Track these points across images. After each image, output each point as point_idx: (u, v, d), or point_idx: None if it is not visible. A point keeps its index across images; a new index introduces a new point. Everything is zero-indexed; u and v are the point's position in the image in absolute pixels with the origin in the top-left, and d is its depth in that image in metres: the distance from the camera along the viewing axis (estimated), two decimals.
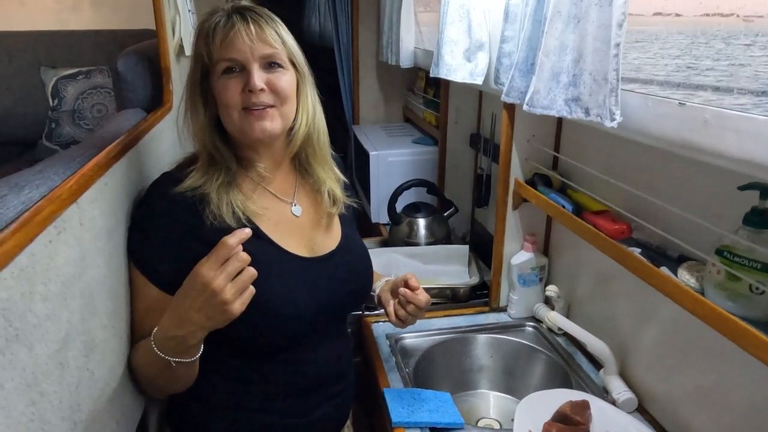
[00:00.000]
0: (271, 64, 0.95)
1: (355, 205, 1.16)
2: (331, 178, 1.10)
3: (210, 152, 0.98)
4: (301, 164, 1.09)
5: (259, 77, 0.92)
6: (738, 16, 0.82)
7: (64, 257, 0.75)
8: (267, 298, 0.94)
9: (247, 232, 0.83)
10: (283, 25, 1.00)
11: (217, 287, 0.79)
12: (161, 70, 1.60)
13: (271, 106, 0.95)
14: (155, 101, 1.58)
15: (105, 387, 0.87)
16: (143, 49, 1.71)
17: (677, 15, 0.96)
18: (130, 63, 1.59)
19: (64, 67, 2.39)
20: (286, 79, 0.96)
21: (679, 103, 0.76)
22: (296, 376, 1.02)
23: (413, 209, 2.00)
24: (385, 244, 2.07)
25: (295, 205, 1.06)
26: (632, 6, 0.83)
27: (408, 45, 2.18)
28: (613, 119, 0.85)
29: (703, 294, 0.87)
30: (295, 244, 1.02)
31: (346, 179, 1.17)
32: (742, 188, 0.80)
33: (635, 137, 0.88)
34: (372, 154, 2.25)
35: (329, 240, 1.08)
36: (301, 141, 1.02)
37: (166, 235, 0.95)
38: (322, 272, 1.03)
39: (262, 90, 0.92)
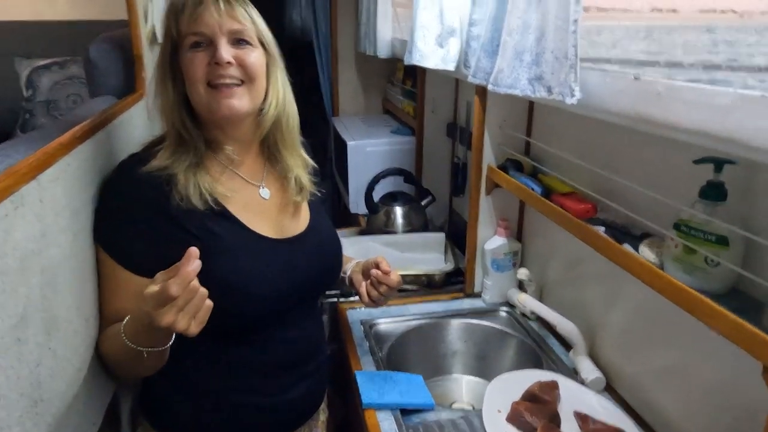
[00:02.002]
0: (239, 41, 0.95)
1: (318, 194, 1.16)
2: (299, 165, 1.10)
3: (178, 131, 0.97)
4: (269, 149, 1.09)
5: (226, 50, 0.92)
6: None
7: (21, 232, 0.74)
8: (237, 279, 0.94)
9: (194, 258, 0.77)
10: (254, 7, 1.00)
11: (167, 323, 0.75)
12: (133, 58, 1.59)
13: (240, 84, 0.95)
14: (128, 89, 1.57)
15: (68, 367, 0.86)
16: (116, 36, 1.69)
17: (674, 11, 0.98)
18: (102, 50, 1.58)
19: (38, 57, 2.36)
20: (254, 56, 0.96)
21: (635, 77, 0.77)
22: (266, 356, 1.02)
23: (390, 198, 2.00)
24: (361, 232, 2.07)
25: (263, 188, 1.06)
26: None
27: (385, 35, 2.18)
28: (573, 95, 0.86)
29: (662, 269, 0.88)
30: (264, 226, 1.02)
31: (315, 164, 1.17)
32: (697, 162, 0.81)
33: (595, 114, 0.89)
34: (350, 144, 2.25)
35: (297, 223, 1.09)
36: (270, 124, 1.02)
37: (133, 216, 0.94)
38: (291, 253, 1.04)
39: (229, 63, 0.92)
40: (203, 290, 0.79)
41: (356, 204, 2.30)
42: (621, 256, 0.94)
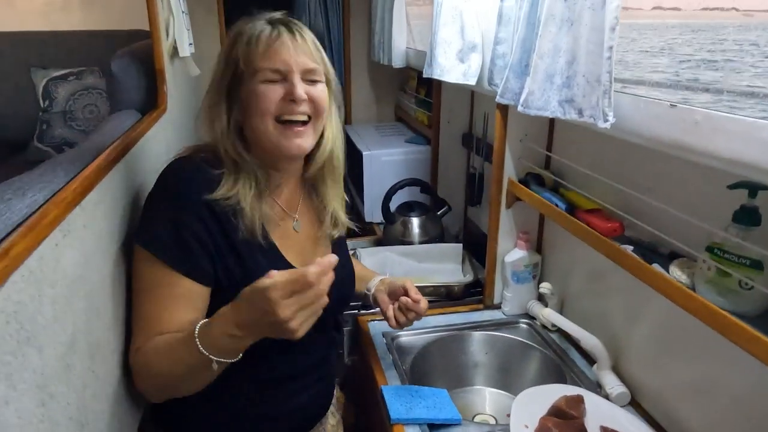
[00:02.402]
0: (311, 79, 0.96)
1: (356, 229, 1.17)
2: (338, 201, 1.11)
3: (234, 159, 0.96)
4: (311, 182, 1.10)
5: (301, 88, 0.93)
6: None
7: (69, 260, 0.76)
8: None
9: (333, 261, 0.77)
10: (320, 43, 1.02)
11: (284, 317, 0.74)
12: (155, 72, 1.61)
13: (308, 120, 0.96)
14: (148, 103, 1.59)
15: (108, 387, 0.88)
16: (137, 50, 1.71)
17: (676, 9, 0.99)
18: (123, 64, 1.60)
19: (54, 68, 2.37)
20: (323, 93, 0.97)
21: (671, 105, 0.78)
22: (274, 373, 1.04)
23: (407, 208, 2.01)
24: (379, 243, 2.08)
25: (296, 220, 1.07)
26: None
27: (400, 45, 2.19)
28: (606, 120, 0.87)
29: (694, 290, 0.90)
30: (294, 259, 1.02)
31: (347, 198, 1.19)
32: (731, 187, 0.82)
33: (628, 137, 0.91)
34: (365, 154, 2.27)
35: (320, 256, 1.09)
36: (324, 159, 1.03)
37: (199, 236, 0.91)
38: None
39: (303, 100, 0.93)
40: (326, 299, 0.77)
41: (371, 213, 2.32)
42: (651, 277, 0.95)
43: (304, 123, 0.95)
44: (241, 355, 0.83)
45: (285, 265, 0.98)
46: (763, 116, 0.66)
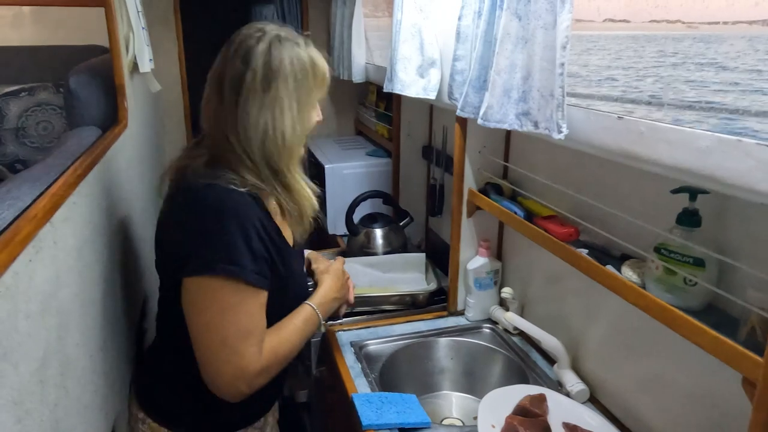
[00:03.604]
0: None
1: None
2: None
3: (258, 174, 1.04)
4: None
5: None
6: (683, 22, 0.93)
7: (41, 276, 0.76)
8: (297, 282, 1.14)
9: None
10: None
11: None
12: (115, 87, 1.60)
13: None
14: (108, 119, 1.57)
15: (78, 404, 0.88)
16: (95, 65, 1.69)
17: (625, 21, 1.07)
18: (82, 80, 1.58)
19: (5, 83, 2.31)
20: None
21: (618, 117, 0.85)
22: None
23: (370, 220, 2.05)
24: (343, 254, 2.10)
25: None
26: (581, 12, 0.92)
27: (360, 60, 2.24)
28: (560, 132, 0.93)
29: (644, 288, 0.96)
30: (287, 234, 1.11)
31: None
32: (674, 191, 0.89)
33: (580, 147, 0.97)
34: (327, 167, 2.30)
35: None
36: None
37: (263, 252, 0.99)
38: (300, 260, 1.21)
39: None
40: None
41: (334, 225, 2.34)
42: (605, 277, 1.01)
43: None
44: None
45: (287, 244, 1.08)
46: (700, 127, 0.73)
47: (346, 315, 1.67)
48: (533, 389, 1.26)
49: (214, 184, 0.96)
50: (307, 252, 1.34)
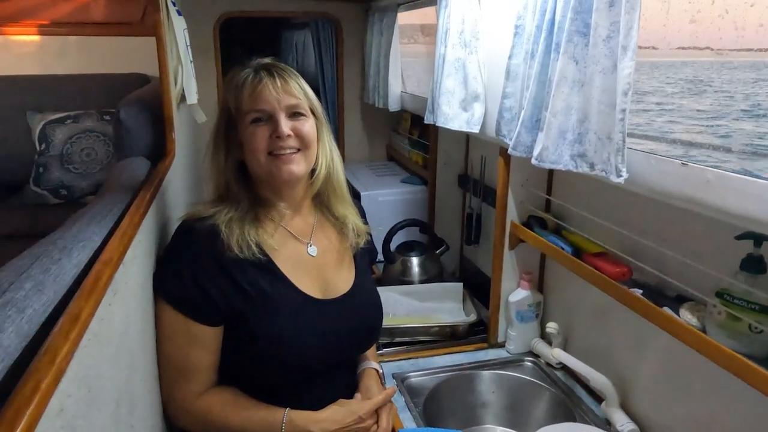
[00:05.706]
0: (294, 114, 1.05)
1: (369, 235, 1.25)
2: (352, 213, 1.20)
3: (220, 193, 1.08)
4: (322, 204, 1.18)
5: (285, 125, 1.02)
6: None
7: (118, 317, 0.78)
8: (279, 337, 1.01)
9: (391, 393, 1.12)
10: (302, 78, 1.10)
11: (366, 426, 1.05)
12: (164, 119, 1.64)
13: (297, 151, 1.04)
14: (155, 149, 1.61)
15: None
16: (143, 97, 1.74)
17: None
18: (131, 111, 1.62)
19: (51, 111, 2.38)
20: (309, 126, 1.06)
21: (682, 163, 0.85)
22: (303, 401, 1.06)
23: (406, 248, 2.05)
24: (379, 282, 2.11)
25: (311, 245, 1.12)
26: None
27: (396, 90, 2.27)
28: (619, 176, 0.93)
29: (704, 332, 0.95)
30: (310, 285, 1.08)
31: (363, 208, 1.28)
32: (738, 238, 0.89)
33: (638, 191, 0.97)
34: (363, 194, 2.31)
35: (342, 282, 1.14)
36: (321, 181, 1.12)
37: (194, 270, 1.00)
38: (336, 314, 1.09)
39: (288, 136, 1.02)
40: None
41: None
42: (663, 320, 1.00)
43: (294, 153, 1.04)
44: None
45: (283, 279, 1.05)
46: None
47: (386, 345, 1.67)
48: (584, 428, 1.25)
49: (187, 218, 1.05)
50: (373, 364, 1.23)
